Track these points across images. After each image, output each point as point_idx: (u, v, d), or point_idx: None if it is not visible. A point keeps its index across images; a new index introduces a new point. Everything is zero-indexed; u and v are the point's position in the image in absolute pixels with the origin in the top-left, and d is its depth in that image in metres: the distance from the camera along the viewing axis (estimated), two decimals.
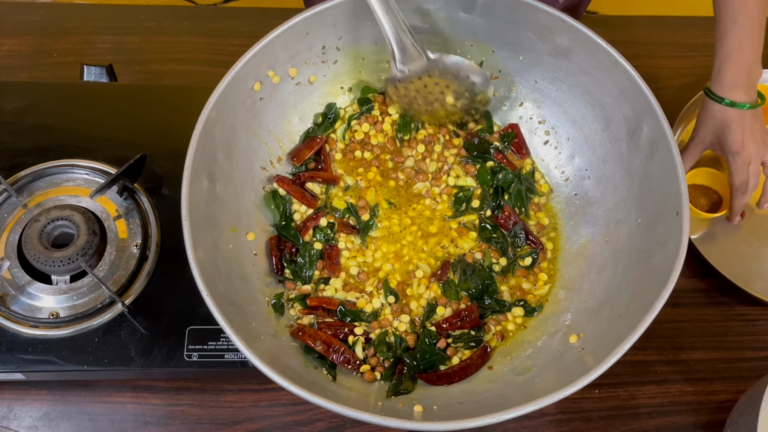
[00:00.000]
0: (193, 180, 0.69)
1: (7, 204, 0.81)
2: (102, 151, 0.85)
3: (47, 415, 0.79)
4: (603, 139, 0.81)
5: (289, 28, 0.76)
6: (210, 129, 0.73)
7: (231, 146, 0.77)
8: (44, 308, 0.76)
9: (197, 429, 0.79)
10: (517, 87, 0.86)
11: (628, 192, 0.77)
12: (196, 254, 0.65)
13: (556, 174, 0.86)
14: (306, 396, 0.59)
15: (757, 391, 0.72)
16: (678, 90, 0.96)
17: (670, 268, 0.65)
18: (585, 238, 0.81)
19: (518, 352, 0.75)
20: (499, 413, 0.58)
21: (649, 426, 0.83)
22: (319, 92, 0.85)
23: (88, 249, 0.77)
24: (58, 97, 0.90)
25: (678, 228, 0.67)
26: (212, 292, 0.64)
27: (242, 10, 1.12)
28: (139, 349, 0.75)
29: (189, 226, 0.66)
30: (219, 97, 0.73)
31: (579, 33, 0.77)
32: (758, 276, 0.90)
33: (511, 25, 0.80)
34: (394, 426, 0.59)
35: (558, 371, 0.68)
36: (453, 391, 0.72)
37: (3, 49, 1.01)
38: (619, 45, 0.76)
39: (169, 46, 1.04)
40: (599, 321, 0.71)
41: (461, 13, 0.81)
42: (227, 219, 0.76)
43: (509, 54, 0.83)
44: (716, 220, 0.93)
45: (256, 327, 0.70)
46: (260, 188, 0.82)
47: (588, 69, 0.79)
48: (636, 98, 0.75)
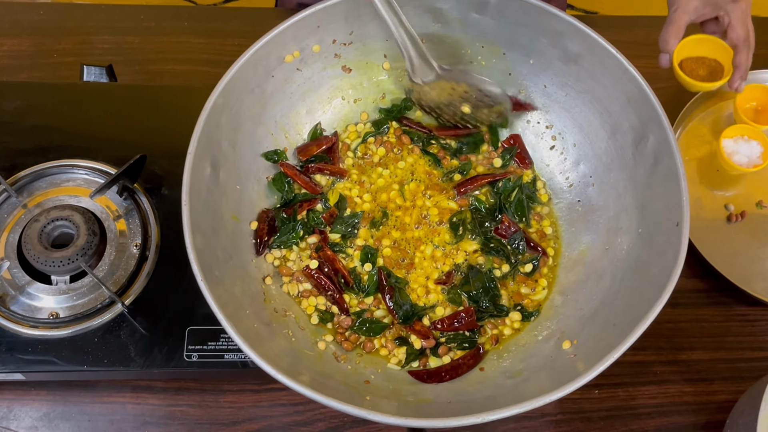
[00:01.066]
0: (195, 165, 0.69)
1: (7, 204, 0.81)
2: (102, 151, 0.85)
3: (47, 415, 0.79)
4: (609, 146, 0.81)
5: (300, 20, 0.77)
6: (216, 116, 0.73)
7: (236, 134, 0.77)
8: (44, 308, 0.76)
9: (197, 429, 0.79)
10: (526, 91, 0.86)
11: (631, 201, 0.77)
12: (194, 239, 0.65)
13: (561, 180, 0.85)
14: (295, 386, 0.60)
15: (756, 392, 0.72)
16: (678, 90, 0.96)
17: (667, 278, 0.64)
18: (585, 245, 0.81)
19: (511, 355, 0.75)
20: (485, 413, 0.59)
21: (648, 426, 0.83)
22: (327, 86, 0.85)
23: (87, 249, 0.77)
24: (58, 98, 0.90)
25: (677, 239, 0.67)
26: (207, 277, 0.64)
27: (242, 10, 1.12)
28: (138, 350, 0.75)
29: (188, 211, 0.66)
30: (226, 84, 0.73)
31: (590, 39, 0.77)
32: (758, 276, 0.89)
33: (522, 27, 0.80)
34: (382, 421, 0.59)
35: (549, 376, 0.68)
36: (442, 390, 0.72)
37: (3, 49, 1.01)
38: (619, 45, 0.76)
39: (169, 46, 1.03)
40: (593, 328, 0.71)
41: (473, 14, 0.81)
42: (229, 207, 0.76)
43: (520, 57, 0.84)
44: (717, 222, 0.93)
45: (250, 315, 0.70)
46: (264, 178, 0.82)
47: (597, 76, 0.79)
48: (643, 107, 0.75)
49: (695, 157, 0.98)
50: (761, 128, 0.94)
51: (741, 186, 0.96)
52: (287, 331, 0.74)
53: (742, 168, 0.93)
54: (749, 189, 0.96)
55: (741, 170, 0.93)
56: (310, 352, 0.73)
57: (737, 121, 0.96)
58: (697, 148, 0.98)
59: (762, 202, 0.95)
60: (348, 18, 0.80)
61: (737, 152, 0.94)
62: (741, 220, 0.93)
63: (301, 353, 0.72)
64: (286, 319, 0.75)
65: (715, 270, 0.87)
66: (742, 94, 0.96)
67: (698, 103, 0.99)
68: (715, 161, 0.97)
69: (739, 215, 0.93)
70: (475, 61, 0.86)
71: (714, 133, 0.99)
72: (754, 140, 0.94)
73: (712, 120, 1.01)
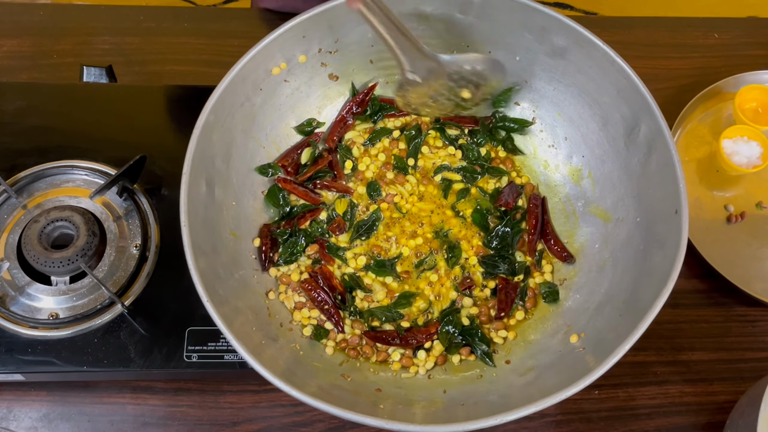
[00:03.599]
0: (191, 185, 0.69)
1: (7, 205, 0.81)
2: (102, 152, 0.85)
3: (47, 416, 0.79)
4: (601, 138, 0.81)
5: (286, 32, 0.77)
6: (208, 133, 0.73)
7: (229, 150, 0.77)
8: (44, 309, 0.76)
9: (197, 430, 0.79)
10: (514, 87, 0.86)
11: (627, 191, 0.77)
12: (196, 261, 0.65)
13: (554, 173, 0.86)
14: (304, 399, 0.59)
15: (756, 392, 0.72)
16: (678, 90, 0.96)
17: (670, 266, 0.65)
18: (584, 237, 0.81)
19: (519, 352, 0.75)
20: (503, 414, 0.59)
21: (648, 427, 0.83)
22: (316, 95, 0.85)
23: (87, 250, 0.77)
24: (58, 98, 0.90)
25: (677, 227, 0.67)
26: (212, 297, 0.64)
27: (242, 11, 1.12)
28: (138, 350, 0.75)
29: (188, 232, 0.66)
30: (216, 101, 0.73)
31: (575, 32, 0.77)
32: (758, 277, 0.89)
33: (507, 25, 0.80)
34: (396, 429, 0.59)
35: (559, 371, 0.68)
36: (454, 393, 0.72)
37: (2, 50, 1.01)
38: (618, 46, 0.76)
39: (168, 47, 1.03)
40: (600, 320, 0.71)
41: (457, 14, 0.81)
42: (226, 223, 0.76)
43: (506, 54, 0.83)
44: (716, 223, 0.93)
45: (256, 331, 0.70)
46: (259, 192, 0.82)
47: (585, 68, 0.79)
48: (633, 97, 0.75)
49: (695, 157, 0.98)
50: (761, 129, 0.94)
51: (741, 187, 0.96)
52: (294, 344, 0.74)
53: (742, 169, 0.93)
54: (749, 190, 0.96)
55: (741, 171, 0.93)
56: (319, 363, 0.74)
57: (737, 121, 0.96)
58: (696, 149, 0.98)
59: (762, 203, 0.95)
60: (333, 26, 0.80)
61: (737, 153, 0.94)
62: (741, 220, 0.93)
63: (310, 366, 0.72)
64: (292, 333, 0.75)
65: (715, 270, 0.87)
66: (742, 94, 0.96)
67: (698, 104, 0.99)
68: (714, 162, 0.97)
69: (739, 216, 0.93)
70: None
71: (714, 134, 0.99)
72: (753, 141, 0.94)
73: (712, 121, 1.01)
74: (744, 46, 1.09)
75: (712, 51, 1.08)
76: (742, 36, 1.09)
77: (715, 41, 1.09)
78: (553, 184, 0.85)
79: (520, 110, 0.87)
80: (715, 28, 1.10)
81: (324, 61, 0.83)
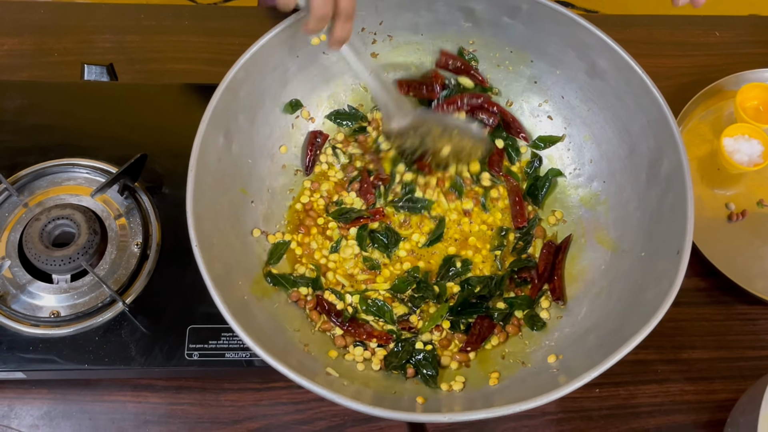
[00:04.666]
0: (208, 133, 0.70)
1: (8, 203, 0.81)
2: (103, 150, 0.85)
3: (48, 413, 0.79)
4: (624, 166, 0.80)
5: None
6: (235, 88, 0.74)
7: (255, 110, 0.78)
8: (45, 307, 0.77)
9: (198, 428, 0.79)
10: (549, 101, 0.86)
11: (638, 223, 0.76)
12: (194, 205, 0.66)
13: (572, 195, 0.85)
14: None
15: (757, 391, 0.72)
16: (678, 89, 0.96)
17: (659, 305, 0.64)
18: (586, 262, 0.80)
19: (494, 363, 0.75)
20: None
21: (649, 425, 0.83)
22: (351, 72, 0.84)
23: (88, 248, 0.77)
24: (59, 97, 0.90)
25: (675, 268, 0.66)
26: (202, 244, 0.64)
27: (243, 9, 1.12)
28: (139, 348, 0.75)
29: (194, 177, 0.67)
30: (248, 59, 0.74)
31: (618, 56, 0.76)
32: (759, 275, 0.89)
33: (552, 37, 0.80)
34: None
35: (529, 386, 0.68)
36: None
37: (3, 49, 1.01)
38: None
39: (169, 45, 1.03)
40: (580, 347, 0.71)
41: (505, 18, 0.81)
42: (238, 180, 0.77)
43: (547, 66, 0.83)
44: (717, 221, 0.93)
45: (242, 286, 0.71)
46: (278, 154, 0.83)
47: (621, 94, 0.78)
48: (661, 130, 0.74)
49: (696, 156, 0.98)
50: (762, 127, 0.94)
51: (742, 185, 0.96)
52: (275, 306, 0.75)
53: (743, 167, 0.93)
54: (750, 188, 0.96)
55: (742, 169, 0.93)
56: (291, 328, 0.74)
57: (738, 120, 0.96)
58: (697, 147, 0.98)
59: (763, 201, 0.95)
60: (378, 8, 0.80)
61: (738, 151, 0.94)
62: (742, 218, 0.93)
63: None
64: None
65: (716, 269, 0.87)
66: (743, 93, 0.96)
67: (699, 102, 0.99)
68: (715, 160, 0.97)
69: (740, 214, 0.93)
70: (503, 66, 0.86)
71: (715, 132, 0.99)
72: (754, 139, 0.94)
73: (713, 119, 1.01)
74: (745, 44, 1.09)
75: (713, 49, 1.08)
76: (743, 34, 1.09)
77: (716, 39, 1.09)
78: (568, 205, 0.85)
79: (551, 125, 0.87)
80: (716, 26, 1.09)
81: (365, 40, 0.84)
